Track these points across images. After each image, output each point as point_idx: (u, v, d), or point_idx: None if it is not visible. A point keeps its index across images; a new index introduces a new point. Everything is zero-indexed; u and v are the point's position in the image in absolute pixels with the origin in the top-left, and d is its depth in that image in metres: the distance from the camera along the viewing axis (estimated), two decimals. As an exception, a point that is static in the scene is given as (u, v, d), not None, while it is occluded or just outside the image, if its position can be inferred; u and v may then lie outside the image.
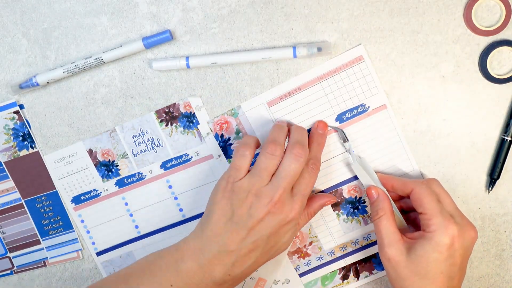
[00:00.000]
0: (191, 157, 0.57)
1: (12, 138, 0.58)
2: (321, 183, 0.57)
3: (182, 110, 0.56)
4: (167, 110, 0.56)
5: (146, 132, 0.57)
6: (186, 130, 0.57)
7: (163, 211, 0.59)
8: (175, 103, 0.56)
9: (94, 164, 0.58)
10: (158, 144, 0.57)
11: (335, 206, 0.57)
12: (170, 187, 0.58)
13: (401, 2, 0.53)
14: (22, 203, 0.60)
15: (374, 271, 0.59)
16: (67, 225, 0.60)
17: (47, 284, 0.62)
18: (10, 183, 0.59)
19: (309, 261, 0.59)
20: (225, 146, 0.57)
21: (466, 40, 0.53)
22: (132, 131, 0.57)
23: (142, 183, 0.58)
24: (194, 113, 0.56)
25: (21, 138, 0.58)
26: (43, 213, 0.60)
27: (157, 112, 0.57)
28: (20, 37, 0.56)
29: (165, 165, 0.58)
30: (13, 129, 0.58)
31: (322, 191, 0.57)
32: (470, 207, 0.57)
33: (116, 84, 0.56)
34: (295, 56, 0.53)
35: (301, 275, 0.59)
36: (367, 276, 0.59)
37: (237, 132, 0.56)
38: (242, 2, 0.54)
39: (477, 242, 0.58)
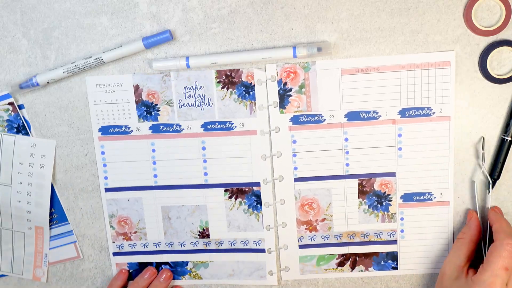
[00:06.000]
0: (235, 126, 0.56)
1: (6, 129, 0.58)
2: (364, 167, 0.56)
3: (243, 78, 0.55)
4: (228, 73, 0.55)
5: (200, 88, 0.55)
6: (240, 99, 0.55)
7: (187, 170, 0.57)
8: (238, 69, 0.55)
9: (136, 101, 0.56)
10: (208, 104, 0.56)
11: (361, 193, 0.57)
12: (203, 148, 0.57)
13: (401, 2, 0.53)
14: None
15: (370, 269, 0.59)
16: (62, 218, 0.60)
17: (47, 284, 0.62)
18: (9, 183, 0.59)
19: (314, 236, 0.58)
20: (284, 95, 0.55)
21: (466, 40, 0.53)
22: (186, 81, 0.55)
23: (176, 135, 0.57)
24: (254, 85, 0.55)
25: (15, 130, 0.58)
26: (42, 212, 0.60)
27: (218, 72, 0.55)
28: (20, 37, 0.56)
29: (206, 126, 0.56)
30: (8, 120, 0.58)
31: (359, 174, 0.56)
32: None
33: (116, 84, 0.56)
34: (295, 56, 0.53)
35: (301, 246, 0.59)
36: (361, 271, 0.59)
37: (301, 86, 0.55)
38: (242, 2, 0.54)
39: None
